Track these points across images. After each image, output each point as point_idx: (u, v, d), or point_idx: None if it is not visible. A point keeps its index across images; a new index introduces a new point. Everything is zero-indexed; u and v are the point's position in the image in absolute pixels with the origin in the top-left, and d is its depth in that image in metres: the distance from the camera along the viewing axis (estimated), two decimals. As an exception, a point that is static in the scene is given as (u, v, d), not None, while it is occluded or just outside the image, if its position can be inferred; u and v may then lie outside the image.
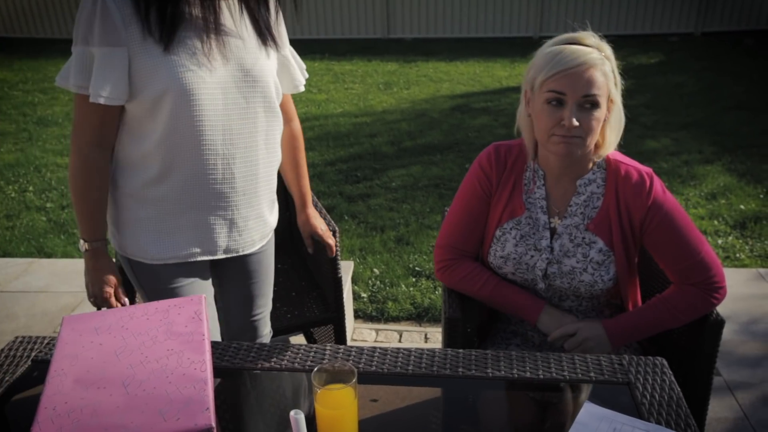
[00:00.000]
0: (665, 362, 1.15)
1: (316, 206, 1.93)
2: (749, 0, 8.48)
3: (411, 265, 3.35)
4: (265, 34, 1.40)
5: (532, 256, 1.48)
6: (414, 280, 3.24)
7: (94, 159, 1.36)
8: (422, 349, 1.21)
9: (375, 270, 3.33)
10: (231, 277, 1.62)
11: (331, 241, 1.81)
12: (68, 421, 0.81)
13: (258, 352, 1.23)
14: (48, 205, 4.18)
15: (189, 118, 1.32)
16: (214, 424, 0.83)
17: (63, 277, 3.27)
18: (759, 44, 8.06)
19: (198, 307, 1.00)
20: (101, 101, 1.27)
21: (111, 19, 1.23)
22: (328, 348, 1.22)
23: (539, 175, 1.49)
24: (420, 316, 2.98)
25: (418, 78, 7.15)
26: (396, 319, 2.97)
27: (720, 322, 1.35)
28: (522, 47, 8.40)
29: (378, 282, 3.23)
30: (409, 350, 1.21)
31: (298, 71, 1.59)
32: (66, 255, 3.53)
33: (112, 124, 1.35)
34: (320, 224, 1.80)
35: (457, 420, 1.10)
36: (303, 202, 1.78)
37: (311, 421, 1.00)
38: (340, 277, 1.97)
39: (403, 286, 3.17)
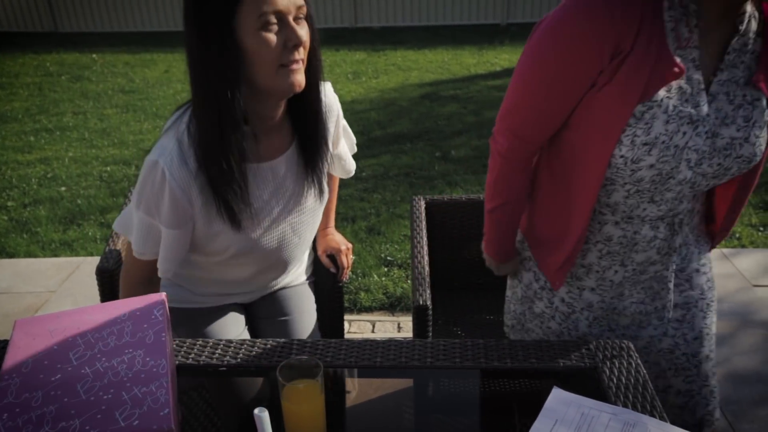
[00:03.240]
0: (631, 345, 1.15)
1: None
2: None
3: (383, 255, 3.34)
4: (321, 189, 1.41)
5: (684, 133, 1.07)
6: (386, 269, 3.23)
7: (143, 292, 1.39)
8: (390, 340, 1.20)
9: (346, 261, 3.32)
10: (262, 311, 1.61)
11: (345, 260, 1.66)
12: (20, 429, 0.78)
13: (224, 349, 1.20)
14: (9, 203, 4.06)
15: (245, 263, 1.40)
16: (174, 426, 0.80)
17: (25, 277, 3.18)
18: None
19: (159, 306, 0.97)
20: (168, 275, 1.33)
21: (179, 203, 1.21)
22: (295, 343, 1.21)
23: (692, 12, 1.03)
24: (393, 305, 2.98)
25: (387, 67, 7.11)
26: (369, 310, 2.97)
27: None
28: (489, 35, 8.41)
29: (350, 272, 3.21)
30: (376, 342, 1.20)
31: (350, 161, 1.58)
32: (29, 254, 3.43)
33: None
34: (337, 243, 1.68)
35: (428, 410, 1.09)
36: (323, 226, 1.72)
37: (279, 417, 0.99)
38: (342, 303, 1.77)
39: (375, 276, 3.17)
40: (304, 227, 1.43)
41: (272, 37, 1.11)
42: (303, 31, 1.15)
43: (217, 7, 1.08)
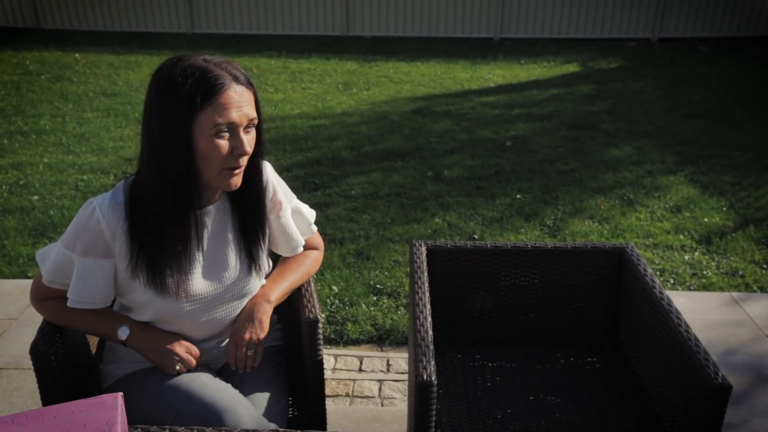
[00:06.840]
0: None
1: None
2: (704, 6, 8.57)
3: (372, 282, 3.16)
4: (254, 263, 1.46)
5: None
6: (375, 298, 3.05)
7: (56, 304, 1.43)
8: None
9: (333, 287, 3.13)
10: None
11: (233, 350, 1.44)
12: None
13: (194, 438, 1.01)
14: (-26, 213, 3.83)
15: (167, 324, 1.43)
16: None
17: (-15, 299, 2.95)
18: (714, 51, 8.15)
19: (110, 414, 0.78)
20: (80, 306, 1.36)
21: (102, 236, 1.32)
22: (280, 435, 1.02)
23: None
24: (381, 338, 2.81)
25: (378, 78, 6.94)
26: (356, 342, 2.80)
27: (727, 388, 1.19)
28: (482, 48, 8.28)
29: (337, 301, 3.04)
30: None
31: (297, 235, 1.56)
32: (-13, 274, 3.20)
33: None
34: (239, 329, 1.45)
35: None
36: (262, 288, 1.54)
37: None
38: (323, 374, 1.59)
39: (363, 305, 2.99)
40: (228, 303, 1.45)
41: (222, 144, 1.28)
42: (249, 139, 1.32)
43: (181, 110, 1.24)
